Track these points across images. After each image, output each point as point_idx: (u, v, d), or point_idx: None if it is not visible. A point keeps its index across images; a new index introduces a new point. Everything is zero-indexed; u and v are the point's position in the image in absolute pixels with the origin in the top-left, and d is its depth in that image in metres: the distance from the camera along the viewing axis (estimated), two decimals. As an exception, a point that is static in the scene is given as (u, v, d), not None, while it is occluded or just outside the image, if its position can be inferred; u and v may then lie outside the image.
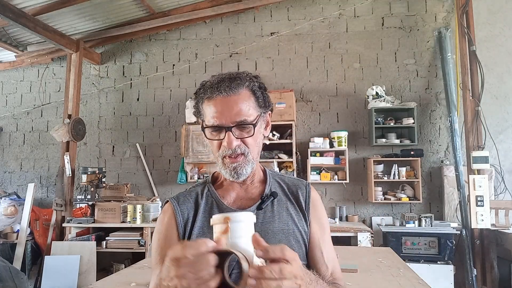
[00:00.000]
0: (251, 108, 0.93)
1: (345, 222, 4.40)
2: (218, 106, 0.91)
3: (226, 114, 0.90)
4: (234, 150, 0.92)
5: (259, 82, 0.98)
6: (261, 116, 0.97)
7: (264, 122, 1.01)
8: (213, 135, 0.94)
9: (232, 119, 0.90)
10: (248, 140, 0.93)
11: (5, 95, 5.38)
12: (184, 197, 1.03)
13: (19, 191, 5.03)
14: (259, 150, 1.01)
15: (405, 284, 1.89)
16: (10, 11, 3.66)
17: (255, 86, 0.96)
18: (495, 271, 3.88)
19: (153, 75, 5.10)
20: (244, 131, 0.93)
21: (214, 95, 0.91)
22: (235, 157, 0.92)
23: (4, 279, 2.35)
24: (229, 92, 0.91)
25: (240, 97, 0.92)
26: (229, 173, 0.94)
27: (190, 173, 4.64)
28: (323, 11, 4.82)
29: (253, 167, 0.96)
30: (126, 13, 4.65)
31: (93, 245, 4.01)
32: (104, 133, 5.16)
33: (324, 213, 1.04)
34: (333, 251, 1.03)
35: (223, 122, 0.91)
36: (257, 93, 0.95)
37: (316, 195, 1.04)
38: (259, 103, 0.96)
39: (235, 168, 0.93)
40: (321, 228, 1.00)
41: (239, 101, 0.92)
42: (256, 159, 0.99)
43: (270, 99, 1.01)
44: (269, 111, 1.02)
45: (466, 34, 4.11)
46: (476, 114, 4.03)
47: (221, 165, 0.95)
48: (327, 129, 4.68)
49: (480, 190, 3.83)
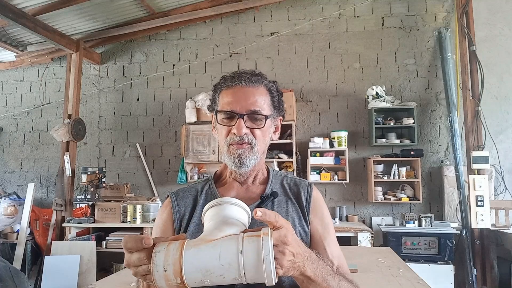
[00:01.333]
0: (266, 104, 0.96)
1: (345, 222, 4.40)
2: (235, 94, 0.94)
3: (241, 102, 0.93)
4: (242, 137, 0.92)
5: (277, 86, 1.01)
6: (273, 116, 0.99)
7: (274, 124, 1.02)
8: (224, 122, 0.95)
9: (246, 108, 0.93)
10: (257, 132, 0.95)
11: (5, 95, 5.38)
12: (184, 192, 1.04)
13: (19, 191, 5.03)
14: (265, 148, 1.01)
15: (405, 284, 1.89)
16: (10, 11, 3.66)
17: (273, 87, 0.99)
18: (495, 271, 3.88)
19: (153, 75, 5.10)
20: (256, 123, 0.94)
21: (234, 83, 0.95)
22: (241, 144, 0.93)
23: (4, 279, 2.35)
24: (249, 83, 0.94)
25: (258, 91, 0.95)
26: (233, 160, 0.94)
27: (190, 173, 4.64)
28: (323, 11, 4.82)
29: (257, 160, 0.96)
30: (126, 13, 4.65)
31: (93, 245, 4.01)
32: (104, 133, 5.16)
33: (327, 212, 1.04)
34: (339, 249, 1.01)
35: (237, 109, 0.93)
36: (273, 93, 0.99)
37: (318, 194, 1.04)
38: (274, 103, 0.99)
39: (240, 156, 0.93)
40: (323, 226, 0.99)
41: (256, 94, 0.95)
42: (261, 156, 0.99)
43: (284, 105, 1.04)
44: (281, 116, 1.04)
45: (466, 34, 4.11)
46: (476, 114, 4.03)
47: (226, 152, 0.95)
48: (327, 129, 4.68)
49: (480, 190, 3.83)
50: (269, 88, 0.98)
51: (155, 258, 0.63)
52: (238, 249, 0.61)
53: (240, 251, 0.61)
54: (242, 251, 0.61)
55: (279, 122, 1.05)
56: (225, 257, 0.61)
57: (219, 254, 0.62)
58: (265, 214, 0.66)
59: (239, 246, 0.61)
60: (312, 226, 0.99)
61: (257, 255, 0.60)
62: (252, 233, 0.65)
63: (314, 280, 0.75)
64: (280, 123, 1.06)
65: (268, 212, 0.67)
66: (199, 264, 0.61)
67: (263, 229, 0.65)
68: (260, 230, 0.65)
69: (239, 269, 0.61)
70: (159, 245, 0.65)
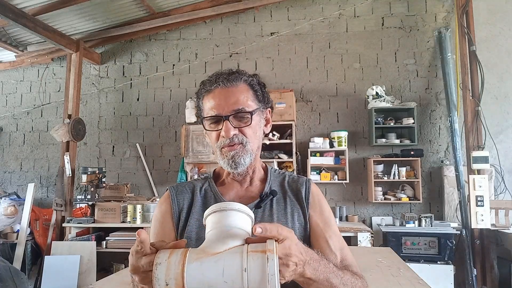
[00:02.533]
0: (249, 100, 0.95)
1: (345, 222, 4.40)
2: (216, 98, 0.93)
3: (223, 104, 0.92)
4: (232, 139, 0.92)
5: (257, 79, 0.99)
6: (260, 110, 0.98)
7: (263, 118, 1.01)
8: (211, 127, 0.95)
9: (229, 109, 0.92)
10: (246, 130, 0.94)
11: (5, 95, 5.37)
12: (183, 187, 1.04)
13: (19, 191, 5.03)
14: (259, 145, 1.00)
15: (405, 284, 1.89)
16: (10, 11, 3.66)
17: (253, 81, 0.97)
18: (495, 271, 3.88)
19: (153, 75, 5.10)
20: (242, 121, 0.93)
21: (213, 87, 0.94)
22: (233, 146, 0.92)
23: (4, 279, 2.35)
24: (227, 83, 0.93)
25: (238, 89, 0.94)
26: (227, 162, 0.93)
27: (190, 173, 4.64)
28: (323, 11, 4.82)
29: (252, 158, 0.96)
30: (126, 13, 4.65)
31: (93, 245, 4.01)
32: (104, 133, 5.16)
33: (326, 206, 1.03)
34: (343, 241, 1.00)
35: (221, 112, 0.92)
36: (255, 87, 0.97)
37: (316, 189, 1.04)
38: (257, 97, 0.97)
39: (233, 157, 0.92)
40: (323, 220, 0.99)
41: (237, 92, 0.93)
42: (256, 152, 0.98)
43: (269, 96, 1.02)
44: (269, 108, 1.03)
45: (466, 34, 4.11)
46: (476, 114, 4.03)
47: (220, 156, 0.95)
48: (327, 129, 4.68)
49: (480, 190, 3.83)
50: (249, 83, 0.96)
51: (156, 271, 0.61)
52: (243, 266, 0.60)
53: (244, 269, 0.59)
54: (246, 268, 0.59)
55: (268, 114, 1.03)
56: (229, 274, 0.60)
57: (223, 270, 0.60)
58: (265, 229, 0.65)
59: (244, 263, 0.60)
60: (312, 221, 0.98)
61: (262, 274, 0.59)
62: (257, 248, 0.63)
63: (315, 280, 0.76)
64: (270, 114, 1.04)
65: (269, 227, 0.66)
66: (201, 279, 0.60)
67: (268, 243, 0.63)
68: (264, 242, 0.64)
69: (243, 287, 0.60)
70: (160, 256, 0.64)
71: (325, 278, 0.77)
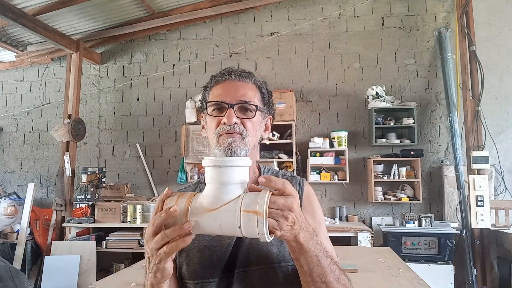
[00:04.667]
0: (256, 98, 0.97)
1: (345, 222, 4.40)
2: (226, 87, 0.95)
3: (231, 93, 0.94)
4: (233, 127, 0.91)
5: (266, 86, 1.03)
6: (263, 112, 0.99)
7: (264, 121, 1.01)
8: (214, 113, 0.95)
9: (236, 99, 0.93)
10: (248, 124, 0.93)
11: (5, 95, 5.38)
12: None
13: (19, 191, 5.03)
14: (256, 144, 0.99)
15: (405, 284, 1.89)
16: (10, 11, 3.66)
17: (262, 85, 1.00)
18: (495, 271, 3.88)
19: (153, 75, 5.10)
20: (246, 114, 0.94)
21: (224, 78, 0.96)
22: (232, 133, 0.91)
23: (4, 279, 2.35)
24: (239, 78, 0.96)
25: (248, 85, 0.97)
26: (223, 150, 0.90)
27: (190, 173, 4.64)
28: (323, 11, 4.82)
29: (248, 153, 0.93)
30: (126, 13, 4.65)
31: (93, 245, 4.01)
32: (104, 133, 5.16)
33: (318, 208, 1.03)
34: (331, 245, 1.00)
35: (227, 100, 0.93)
36: (263, 90, 1.00)
37: (309, 190, 1.03)
38: (263, 99, 0.99)
39: (230, 144, 0.90)
40: (315, 222, 0.98)
41: (246, 87, 0.96)
42: (252, 149, 0.96)
43: (274, 105, 1.05)
44: (271, 115, 1.04)
45: (466, 34, 4.11)
46: (476, 114, 4.03)
47: (216, 144, 0.92)
48: (327, 129, 4.68)
49: (480, 190, 3.83)
50: (258, 85, 0.99)
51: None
52: (236, 224, 0.67)
53: (238, 226, 0.67)
54: (240, 226, 0.67)
55: (269, 122, 1.04)
56: (226, 229, 0.69)
57: (220, 226, 0.69)
58: (270, 181, 0.70)
59: (237, 222, 0.67)
60: None
61: (253, 230, 0.67)
62: (249, 208, 0.67)
63: (305, 250, 0.75)
64: (270, 122, 1.04)
65: (274, 179, 0.70)
66: (202, 230, 0.71)
67: (260, 197, 0.68)
68: (260, 192, 0.70)
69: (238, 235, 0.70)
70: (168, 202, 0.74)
71: (315, 253, 0.77)
